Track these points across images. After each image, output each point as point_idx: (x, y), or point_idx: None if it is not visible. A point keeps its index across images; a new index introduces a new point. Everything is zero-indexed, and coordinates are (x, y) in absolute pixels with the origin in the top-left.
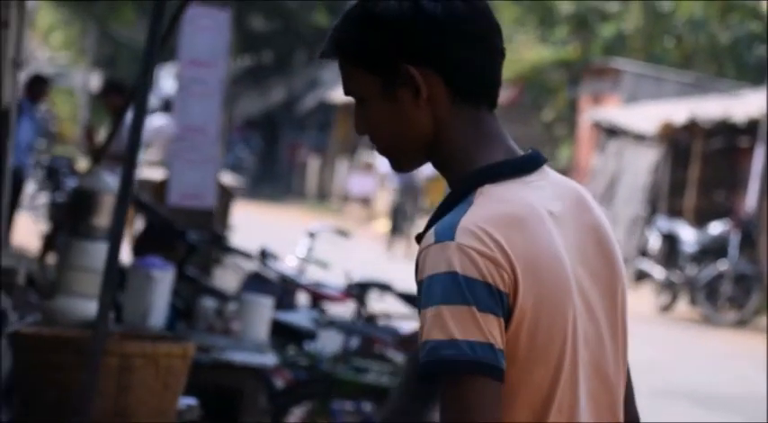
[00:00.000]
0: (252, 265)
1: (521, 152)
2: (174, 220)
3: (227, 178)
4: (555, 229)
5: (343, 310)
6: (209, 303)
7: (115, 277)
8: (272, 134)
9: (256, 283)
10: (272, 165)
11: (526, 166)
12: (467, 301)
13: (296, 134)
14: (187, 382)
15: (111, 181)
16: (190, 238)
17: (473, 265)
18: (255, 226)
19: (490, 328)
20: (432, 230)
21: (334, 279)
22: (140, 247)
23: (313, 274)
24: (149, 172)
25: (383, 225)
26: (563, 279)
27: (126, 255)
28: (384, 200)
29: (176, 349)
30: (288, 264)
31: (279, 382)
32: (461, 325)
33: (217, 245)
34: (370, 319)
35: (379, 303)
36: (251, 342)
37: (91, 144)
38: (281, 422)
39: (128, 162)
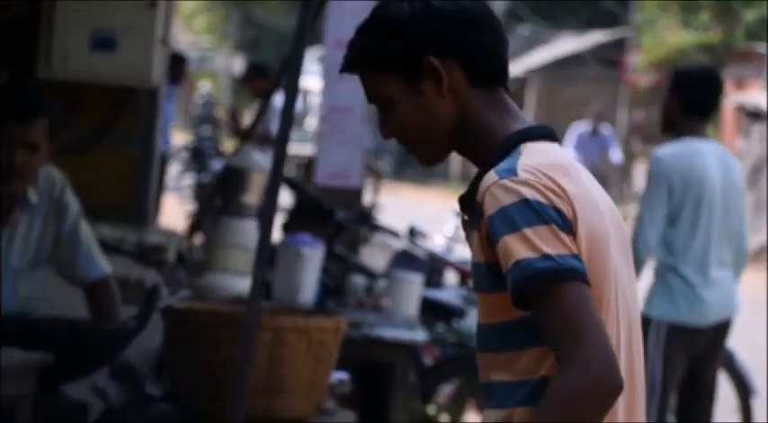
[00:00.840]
0: (399, 244)
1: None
2: (322, 198)
3: (372, 160)
4: (588, 183)
5: None
6: (358, 280)
7: (268, 253)
8: None
9: (405, 260)
10: None
11: (550, 132)
12: (545, 220)
13: None
14: (338, 356)
15: (260, 159)
16: (338, 216)
17: (540, 194)
18: (400, 207)
19: (569, 243)
20: (491, 172)
21: None
22: (290, 225)
23: (460, 253)
24: (296, 148)
25: None
26: (604, 227)
27: (275, 233)
28: None
29: (328, 323)
30: (435, 242)
31: (427, 360)
32: (548, 241)
33: (365, 223)
34: None
35: None
36: (401, 318)
37: (236, 126)
38: (430, 399)
39: (279, 142)
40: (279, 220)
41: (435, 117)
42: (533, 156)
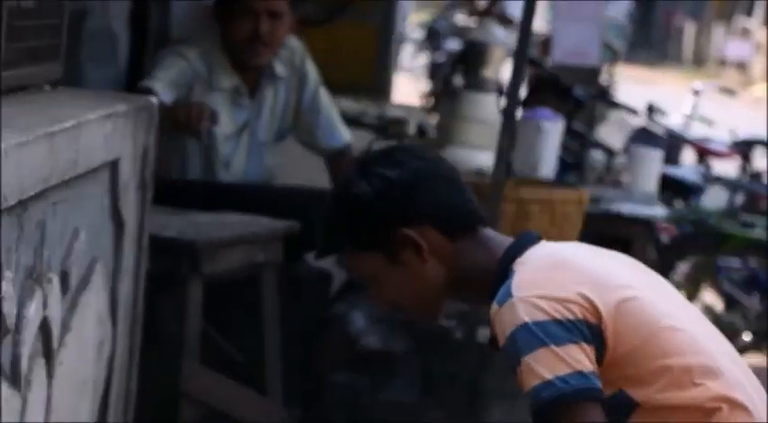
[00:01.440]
0: (637, 121)
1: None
2: (560, 75)
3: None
4: (585, 253)
5: (729, 166)
6: (597, 157)
7: (513, 127)
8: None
9: (643, 137)
10: (647, 30)
11: (532, 237)
12: (543, 342)
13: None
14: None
15: (501, 35)
16: (576, 93)
17: (537, 310)
18: (635, 87)
19: (574, 357)
20: (493, 304)
21: (718, 137)
22: (529, 101)
23: (697, 132)
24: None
25: (761, 90)
26: (625, 286)
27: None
28: (761, 65)
29: (572, 196)
30: (673, 120)
31: (664, 237)
32: (546, 365)
33: (602, 100)
34: (755, 175)
35: (763, 161)
36: (640, 194)
37: (474, 5)
38: (667, 277)
39: (525, 18)
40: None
41: (425, 281)
42: (525, 269)
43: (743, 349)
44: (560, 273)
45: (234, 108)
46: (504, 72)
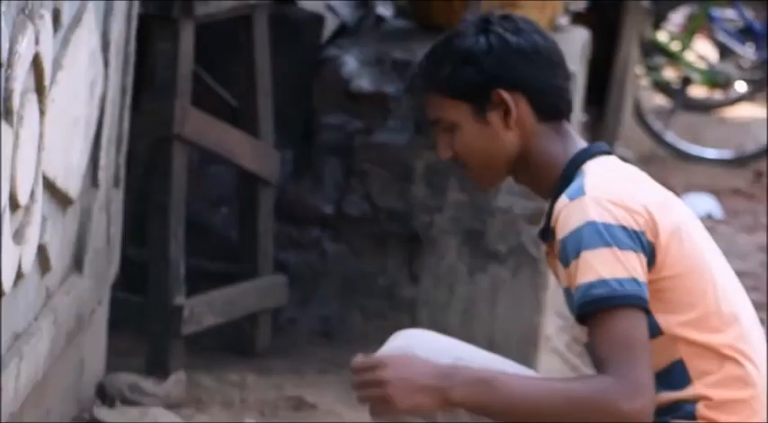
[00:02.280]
0: None
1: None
2: None
3: None
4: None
5: None
6: None
7: None
8: None
9: None
10: None
11: (606, 149)
12: (607, 243)
13: None
14: None
15: None
16: None
17: (607, 213)
18: None
19: (632, 265)
20: (563, 196)
21: None
22: None
23: None
24: None
25: None
26: (683, 220)
27: None
28: None
29: None
30: None
31: None
32: (606, 265)
33: None
34: None
35: None
36: None
37: None
38: (661, 26)
39: None
40: None
41: (499, 147)
42: (598, 172)
43: (737, 100)
44: (631, 185)
45: None
46: None
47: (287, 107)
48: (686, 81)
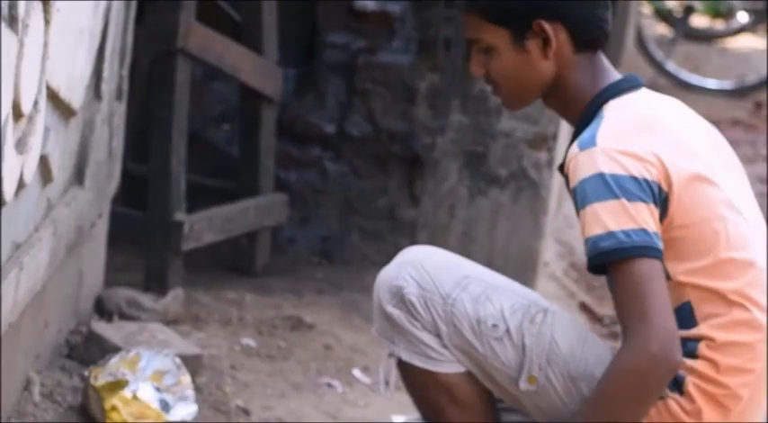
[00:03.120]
0: None
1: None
2: None
3: None
4: (675, 120)
5: None
6: None
7: None
8: None
9: None
10: None
11: (636, 83)
12: (615, 195)
13: None
14: None
15: None
16: None
17: (616, 163)
18: None
19: (642, 215)
20: (574, 145)
21: None
22: None
23: None
24: None
25: None
26: (702, 165)
27: None
28: None
29: None
30: None
31: None
32: (614, 217)
33: None
34: None
35: None
36: None
37: None
38: None
39: None
40: None
41: (534, 75)
42: (616, 115)
43: (738, 31)
44: (646, 133)
45: None
46: None
47: (291, 24)
48: (688, 10)
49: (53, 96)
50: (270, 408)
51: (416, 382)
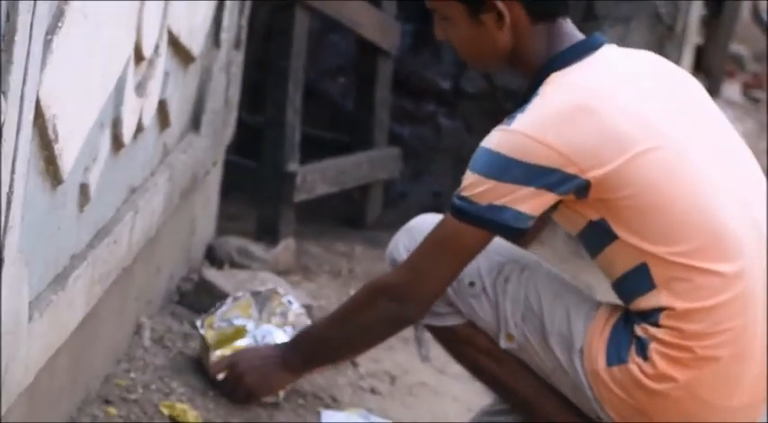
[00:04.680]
0: None
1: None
2: None
3: None
4: (626, 88)
5: None
6: None
7: None
8: None
9: None
10: None
11: (588, 47)
12: (495, 176)
13: None
14: None
15: None
16: None
17: (515, 145)
18: None
19: (515, 196)
20: (508, 117)
21: None
22: None
23: None
24: None
25: None
26: (652, 122)
27: None
28: None
29: None
30: None
31: None
32: (477, 189)
33: None
34: None
35: None
36: None
37: None
38: None
39: None
40: None
41: (489, 45)
42: (549, 98)
43: None
44: (576, 118)
45: None
46: None
47: None
48: None
49: (174, 42)
50: (377, 360)
51: (444, 341)
